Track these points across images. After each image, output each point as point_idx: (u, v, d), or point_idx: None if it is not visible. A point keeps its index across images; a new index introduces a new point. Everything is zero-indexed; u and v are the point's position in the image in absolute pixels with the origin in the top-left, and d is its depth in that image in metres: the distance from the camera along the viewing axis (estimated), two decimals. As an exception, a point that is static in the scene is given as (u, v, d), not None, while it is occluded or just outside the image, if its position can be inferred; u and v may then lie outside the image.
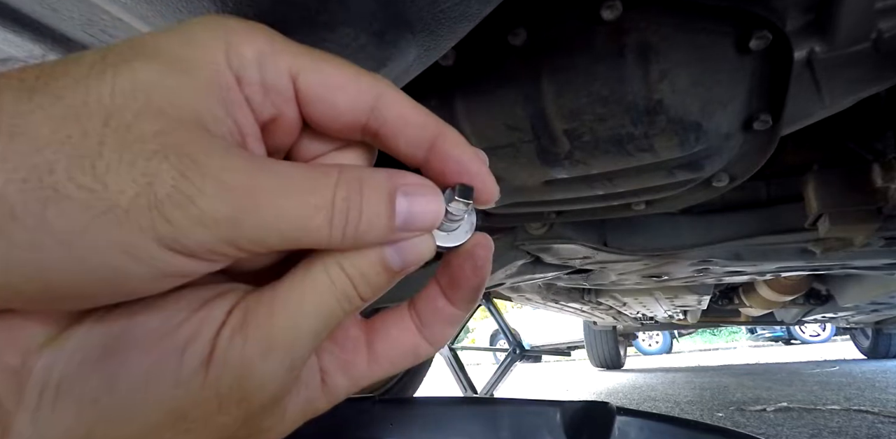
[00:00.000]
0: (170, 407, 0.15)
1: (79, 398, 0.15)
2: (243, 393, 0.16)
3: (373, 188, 0.17)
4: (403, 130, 0.18)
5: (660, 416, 0.59)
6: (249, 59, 0.16)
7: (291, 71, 0.17)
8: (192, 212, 0.14)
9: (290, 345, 0.16)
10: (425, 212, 0.17)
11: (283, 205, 0.15)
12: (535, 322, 6.63)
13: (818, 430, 1.80)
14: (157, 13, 0.30)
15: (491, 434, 0.66)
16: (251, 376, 0.16)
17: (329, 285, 0.17)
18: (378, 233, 0.17)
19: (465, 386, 2.68)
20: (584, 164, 0.61)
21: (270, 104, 0.17)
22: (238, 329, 0.16)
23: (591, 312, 2.76)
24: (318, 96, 0.18)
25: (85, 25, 0.33)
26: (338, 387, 0.21)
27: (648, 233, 1.06)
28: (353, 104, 0.18)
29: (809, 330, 7.67)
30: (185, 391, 0.15)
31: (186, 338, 0.16)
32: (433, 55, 0.38)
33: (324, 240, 0.16)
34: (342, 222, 0.16)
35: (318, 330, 0.17)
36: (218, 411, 0.16)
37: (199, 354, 0.16)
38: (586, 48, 0.51)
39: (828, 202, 0.80)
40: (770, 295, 1.95)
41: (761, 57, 0.51)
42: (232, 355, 0.16)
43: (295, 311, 0.16)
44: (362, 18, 0.31)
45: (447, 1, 0.33)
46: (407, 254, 0.18)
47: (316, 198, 0.16)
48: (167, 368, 0.15)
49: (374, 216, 0.16)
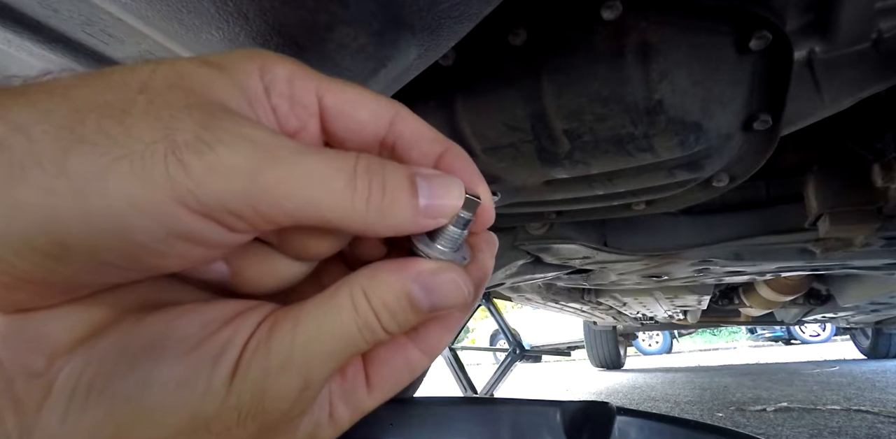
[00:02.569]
0: (195, 413, 0.15)
1: (112, 396, 0.15)
2: (261, 407, 0.16)
3: (393, 166, 0.17)
4: (418, 144, 0.20)
5: (660, 416, 0.59)
6: (280, 76, 0.18)
7: (318, 90, 0.18)
8: (209, 159, 0.14)
9: (305, 364, 0.16)
10: (446, 194, 0.17)
11: (305, 162, 0.15)
12: (535, 322, 6.63)
13: (818, 430, 1.80)
14: (157, 13, 0.30)
15: (491, 434, 0.66)
16: (269, 390, 0.16)
17: (351, 311, 0.17)
18: (404, 210, 0.17)
19: (465, 386, 2.68)
20: (584, 164, 0.61)
21: (295, 117, 0.18)
22: (263, 342, 0.16)
23: (591, 312, 2.76)
24: (343, 112, 0.19)
25: (85, 25, 0.33)
26: (342, 419, 0.20)
27: (648, 233, 1.06)
28: (375, 119, 0.19)
29: (809, 330, 7.67)
30: (212, 398, 0.15)
31: (221, 347, 0.16)
32: (433, 55, 0.38)
33: (348, 209, 0.16)
34: (365, 191, 0.16)
35: (336, 353, 0.17)
36: (236, 424, 0.16)
37: (228, 364, 0.16)
38: (586, 48, 0.51)
39: (828, 202, 0.80)
40: (770, 295, 1.95)
41: (761, 57, 0.51)
42: (255, 367, 0.16)
43: (315, 332, 0.16)
44: (362, 18, 0.31)
45: (447, 1, 0.33)
46: (436, 297, 0.18)
47: (339, 163, 0.16)
48: (201, 374, 0.15)
49: (396, 189, 0.16)
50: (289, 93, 0.18)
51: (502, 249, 1.09)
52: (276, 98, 0.18)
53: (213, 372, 0.15)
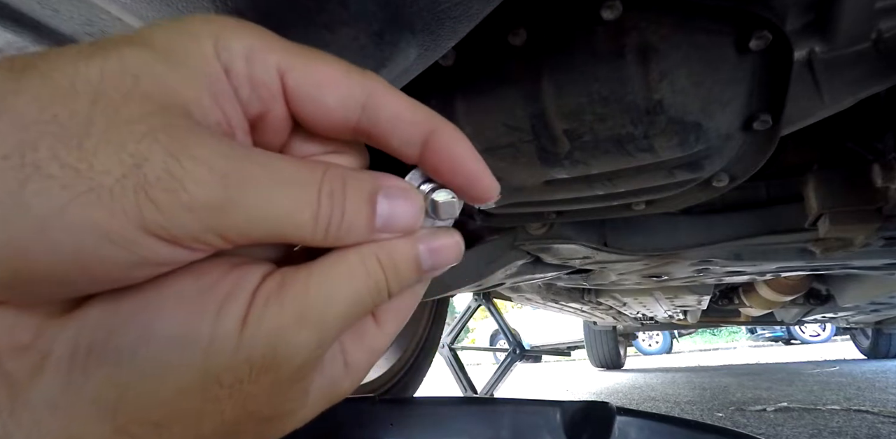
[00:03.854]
0: (203, 367, 0.15)
1: (113, 356, 0.15)
2: (274, 360, 0.16)
3: (355, 188, 0.17)
4: (396, 129, 0.18)
5: (660, 416, 0.59)
6: (237, 52, 0.16)
7: (280, 67, 0.17)
8: (180, 197, 0.14)
9: (321, 320, 0.16)
10: (405, 214, 0.18)
11: (272, 197, 0.15)
12: (535, 322, 6.63)
13: (818, 430, 1.80)
14: (157, 13, 0.30)
15: (491, 434, 0.66)
16: (284, 344, 0.16)
17: (363, 273, 0.17)
18: (358, 233, 0.17)
19: (465, 386, 2.68)
20: (584, 164, 0.61)
21: (258, 99, 0.17)
22: (275, 295, 0.16)
23: (591, 312, 2.76)
24: (306, 94, 0.17)
25: (85, 25, 0.33)
26: (359, 363, 0.21)
27: (648, 233, 1.06)
28: (343, 102, 0.18)
29: (809, 330, 7.67)
30: (219, 350, 0.15)
31: (223, 296, 0.16)
32: (433, 55, 0.38)
33: (307, 237, 0.16)
34: (326, 220, 0.16)
35: (347, 313, 0.17)
36: (248, 378, 0.16)
37: (235, 314, 0.15)
38: (586, 48, 0.51)
39: (828, 202, 0.80)
40: (770, 295, 1.95)
41: (761, 57, 0.51)
42: (268, 320, 0.16)
43: (329, 291, 0.17)
44: (362, 18, 0.31)
45: (447, 1, 0.33)
46: (437, 258, 0.19)
47: (303, 194, 0.16)
48: (204, 324, 0.15)
49: (355, 216, 0.17)
50: (247, 72, 0.17)
51: (502, 249, 1.09)
52: (234, 80, 0.17)
53: (218, 322, 0.15)
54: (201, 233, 0.14)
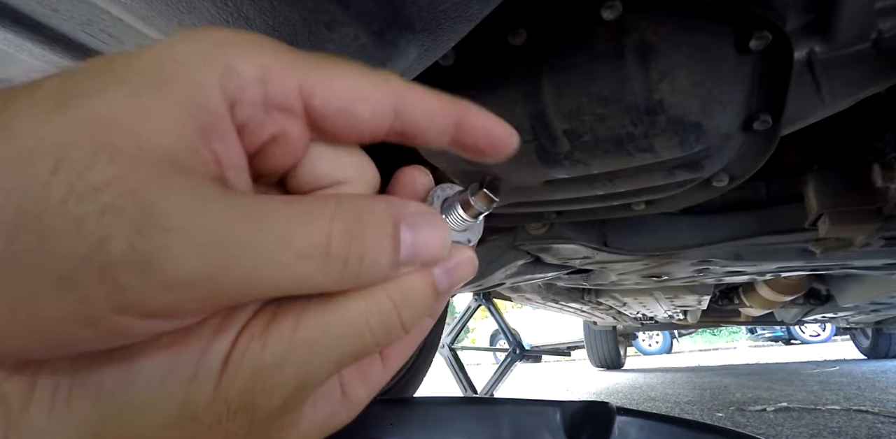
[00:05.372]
0: (183, 405, 0.15)
1: (95, 390, 0.14)
2: (251, 402, 0.15)
3: (374, 222, 0.15)
4: (433, 122, 0.18)
5: (660, 416, 0.59)
6: (248, 76, 0.15)
7: (303, 89, 0.16)
8: (152, 277, 0.12)
9: (305, 364, 0.15)
10: (432, 245, 0.16)
11: (268, 256, 0.13)
12: (535, 322, 6.63)
13: (818, 430, 1.80)
14: (157, 13, 0.30)
15: (491, 434, 0.66)
16: (261, 387, 0.15)
17: (364, 310, 0.16)
18: (380, 273, 0.16)
19: (465, 386, 2.68)
20: (584, 164, 0.61)
21: (272, 122, 0.16)
22: (259, 335, 0.15)
23: (591, 312, 2.76)
24: (337, 111, 0.16)
25: (85, 25, 0.33)
26: (358, 397, 0.20)
27: (648, 233, 1.06)
28: (376, 112, 0.17)
29: (809, 330, 7.67)
30: (200, 390, 0.15)
31: (209, 336, 0.15)
32: (433, 55, 0.38)
33: (318, 286, 0.15)
34: (339, 266, 0.15)
35: (341, 356, 0.16)
36: (227, 417, 0.15)
37: (220, 353, 0.15)
38: (586, 48, 0.51)
39: (828, 202, 0.80)
40: (770, 295, 1.95)
41: (761, 57, 0.51)
42: (248, 360, 0.15)
43: (320, 332, 0.15)
44: (362, 18, 0.31)
45: (447, 1, 0.33)
46: (453, 277, 0.17)
47: (309, 240, 0.14)
48: (188, 364, 0.15)
49: (376, 254, 0.15)
50: (262, 97, 0.15)
51: (502, 249, 1.09)
52: (247, 108, 0.15)
53: (202, 361, 0.15)
54: (185, 304, 0.13)
